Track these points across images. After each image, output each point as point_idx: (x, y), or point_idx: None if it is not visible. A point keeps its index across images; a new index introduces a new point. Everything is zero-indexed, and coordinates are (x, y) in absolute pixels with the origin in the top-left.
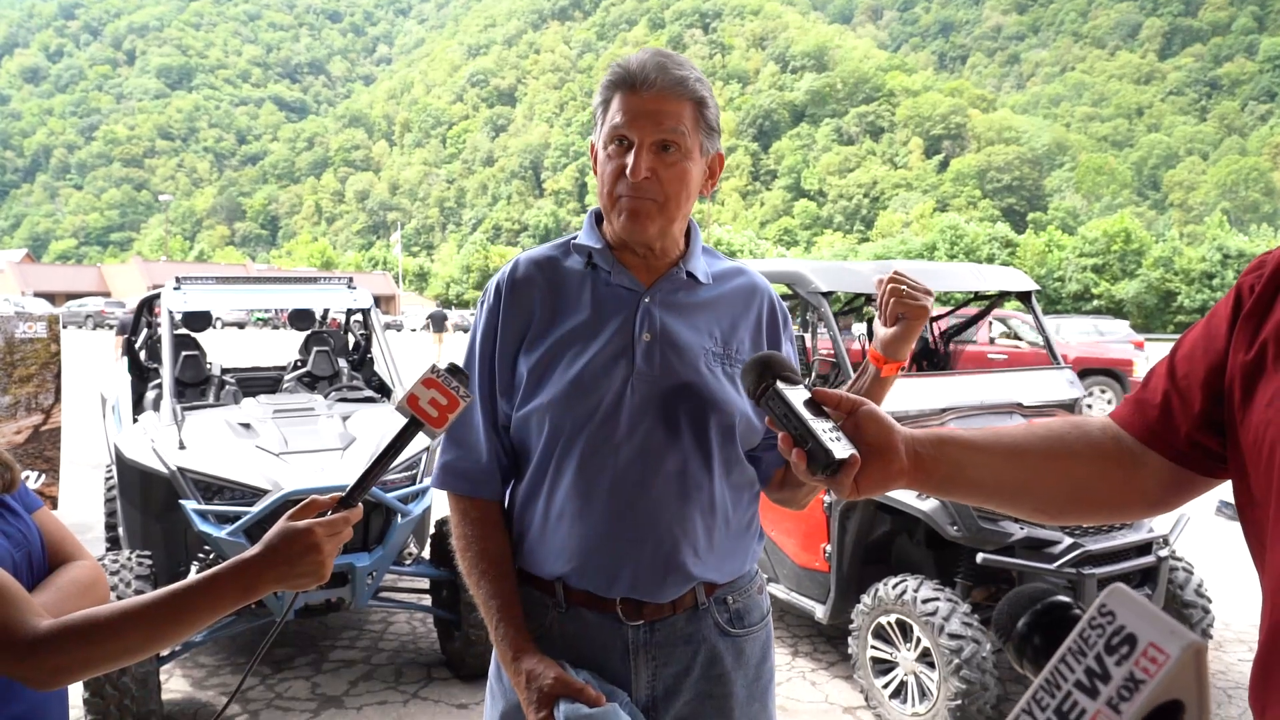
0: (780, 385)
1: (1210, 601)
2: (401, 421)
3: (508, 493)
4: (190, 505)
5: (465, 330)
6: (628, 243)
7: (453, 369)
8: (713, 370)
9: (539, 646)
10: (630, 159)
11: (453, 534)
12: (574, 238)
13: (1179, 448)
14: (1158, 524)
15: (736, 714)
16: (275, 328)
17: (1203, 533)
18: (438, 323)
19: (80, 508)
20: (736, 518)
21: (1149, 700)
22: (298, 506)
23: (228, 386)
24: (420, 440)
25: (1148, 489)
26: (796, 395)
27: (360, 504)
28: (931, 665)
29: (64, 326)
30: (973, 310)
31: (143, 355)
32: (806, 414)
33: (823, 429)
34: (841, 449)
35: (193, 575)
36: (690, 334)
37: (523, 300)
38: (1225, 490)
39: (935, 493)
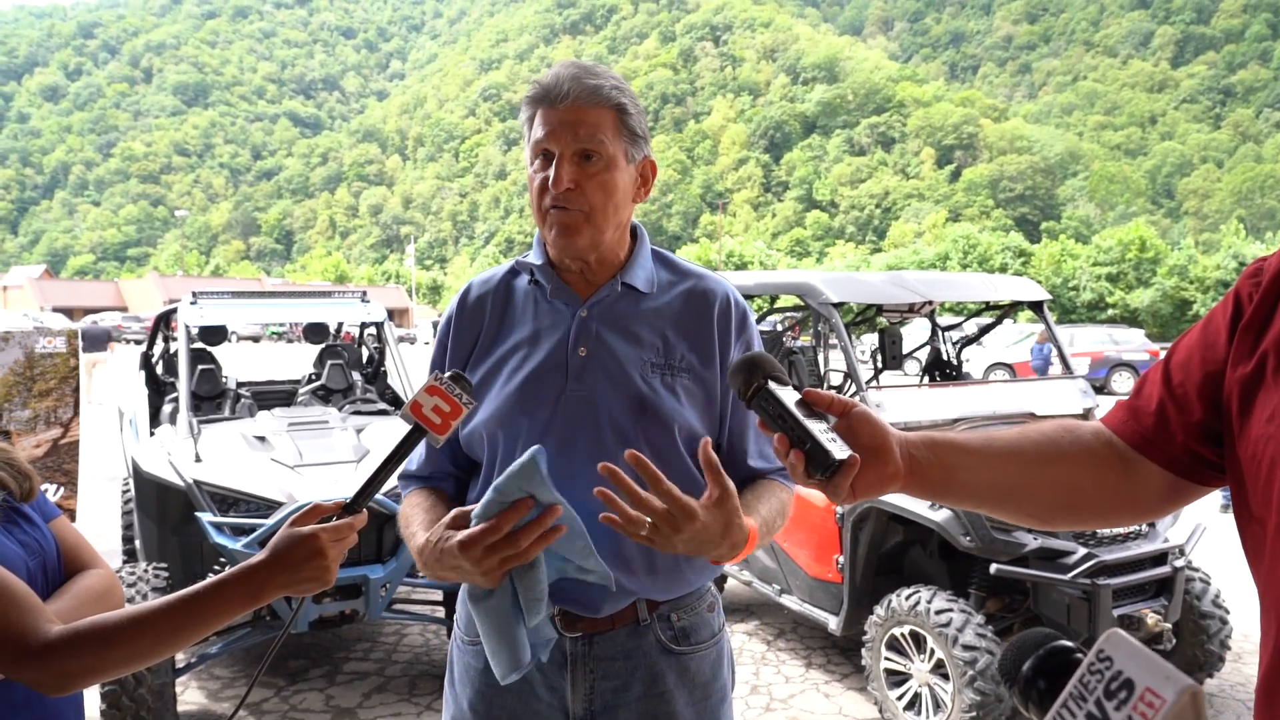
0: (772, 385)
1: (1228, 612)
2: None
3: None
4: (206, 517)
5: None
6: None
7: (456, 376)
8: (650, 382)
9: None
10: (553, 171)
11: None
12: (526, 255)
13: (1175, 456)
14: (1174, 534)
15: None
16: (290, 341)
17: (1220, 541)
18: (435, 329)
19: (97, 520)
20: None
21: None
22: (301, 513)
23: (243, 400)
24: None
25: (1141, 495)
26: (788, 395)
27: (365, 510)
28: (945, 677)
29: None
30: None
31: (159, 369)
32: (801, 415)
33: (819, 430)
34: (840, 449)
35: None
36: (628, 346)
37: (471, 325)
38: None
39: (929, 496)
